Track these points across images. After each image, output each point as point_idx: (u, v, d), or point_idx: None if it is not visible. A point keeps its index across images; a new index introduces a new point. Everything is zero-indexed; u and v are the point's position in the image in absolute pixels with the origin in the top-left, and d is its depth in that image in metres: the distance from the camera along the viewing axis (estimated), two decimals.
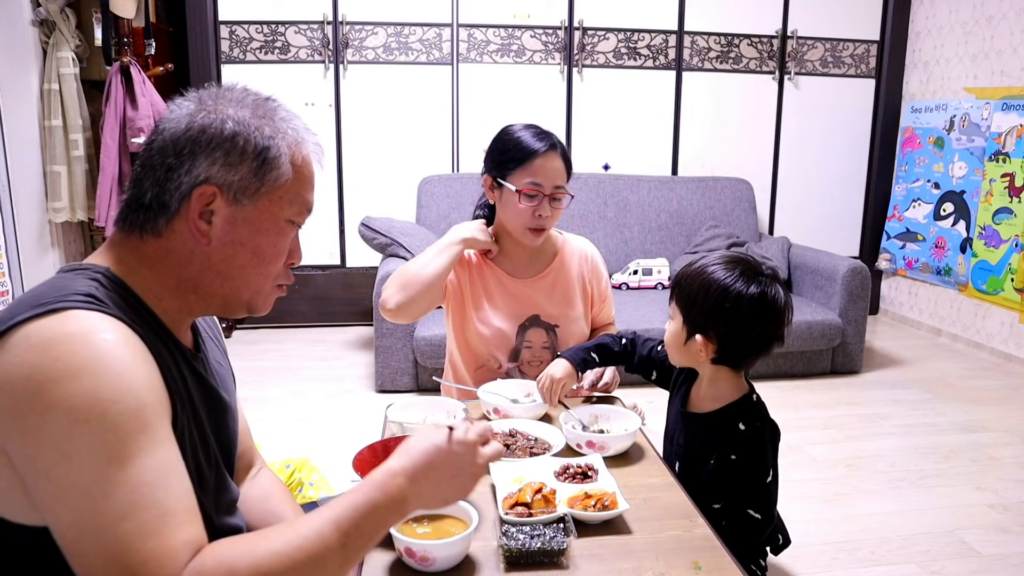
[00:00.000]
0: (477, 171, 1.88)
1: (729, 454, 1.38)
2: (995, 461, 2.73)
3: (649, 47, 4.34)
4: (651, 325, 3.33)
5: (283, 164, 0.91)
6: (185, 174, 0.87)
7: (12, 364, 0.74)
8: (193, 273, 0.91)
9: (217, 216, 0.89)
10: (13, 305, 0.81)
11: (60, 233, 3.70)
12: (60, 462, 0.72)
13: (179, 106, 0.91)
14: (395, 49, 4.15)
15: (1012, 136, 3.77)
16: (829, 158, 4.65)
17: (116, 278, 0.87)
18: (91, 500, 0.72)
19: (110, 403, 0.74)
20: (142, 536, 0.72)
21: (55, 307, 0.77)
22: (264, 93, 0.95)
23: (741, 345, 1.38)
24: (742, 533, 1.37)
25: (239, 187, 0.89)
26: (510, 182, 1.73)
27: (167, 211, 0.88)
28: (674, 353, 1.47)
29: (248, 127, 0.89)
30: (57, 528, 0.74)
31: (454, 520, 1.12)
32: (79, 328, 0.77)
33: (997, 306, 3.90)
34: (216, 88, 0.92)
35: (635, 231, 4.19)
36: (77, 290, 0.81)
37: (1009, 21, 3.84)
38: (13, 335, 0.75)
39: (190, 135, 0.87)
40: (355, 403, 3.23)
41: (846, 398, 3.39)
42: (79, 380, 0.73)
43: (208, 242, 0.90)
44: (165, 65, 3.72)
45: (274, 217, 0.92)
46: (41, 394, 0.72)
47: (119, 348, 0.78)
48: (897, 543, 2.18)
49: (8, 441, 0.75)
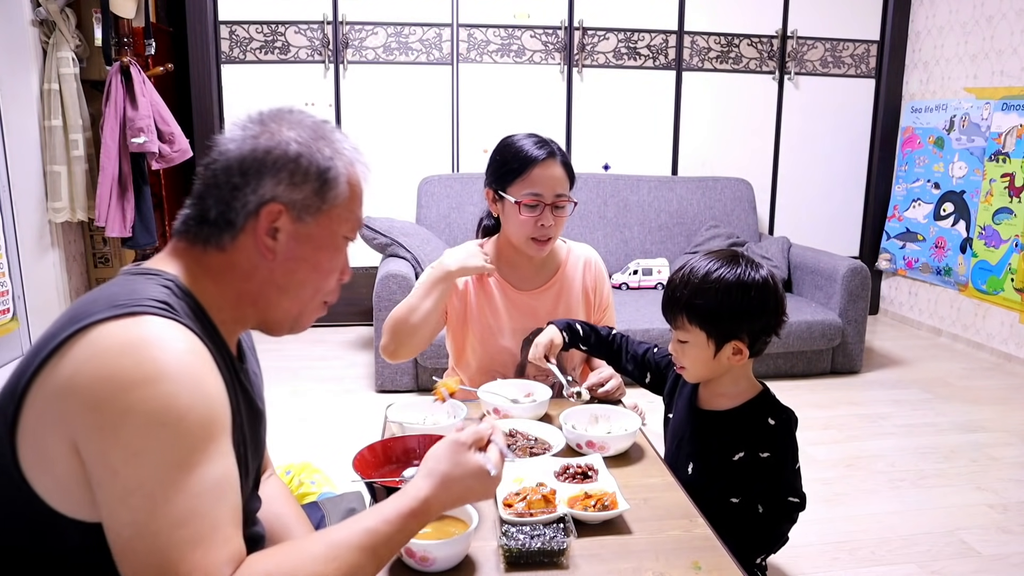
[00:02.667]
0: (477, 171, 1.87)
1: (759, 451, 1.39)
2: (995, 461, 2.73)
3: (649, 47, 4.34)
4: (651, 325, 3.33)
5: (341, 183, 0.95)
6: (251, 193, 0.91)
7: (93, 363, 0.76)
8: (254, 287, 0.95)
9: (282, 233, 0.93)
10: (85, 303, 0.82)
11: (60, 233, 3.70)
12: (130, 461, 0.75)
13: (240, 128, 0.94)
14: (395, 49, 4.15)
15: (1012, 136, 3.77)
16: (829, 158, 4.65)
17: (185, 288, 0.91)
18: (152, 503, 0.74)
19: (186, 410, 0.77)
20: (192, 545, 0.75)
21: (132, 310, 0.80)
22: (319, 116, 0.99)
23: (768, 332, 1.39)
24: (784, 519, 1.42)
25: (303, 205, 0.93)
26: (510, 194, 1.70)
27: (232, 228, 0.92)
28: (700, 370, 1.42)
29: (310, 148, 0.93)
30: (113, 526, 0.76)
31: (454, 520, 1.12)
32: (157, 334, 0.79)
33: (997, 306, 3.90)
34: (275, 110, 0.96)
35: (635, 231, 4.19)
36: (152, 296, 0.84)
37: (1009, 21, 3.84)
38: (89, 333, 0.78)
39: (256, 156, 0.91)
40: (355, 403, 3.23)
41: (846, 398, 3.39)
42: (159, 385, 0.76)
43: (274, 257, 0.93)
44: (165, 65, 3.72)
45: (333, 234, 0.97)
46: (121, 395, 0.75)
47: (194, 358, 0.81)
48: (897, 543, 2.18)
49: (82, 436, 0.76)
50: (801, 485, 1.44)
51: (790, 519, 1.44)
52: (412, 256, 3.50)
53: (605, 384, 1.71)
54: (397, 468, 1.27)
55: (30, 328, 3.74)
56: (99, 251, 3.99)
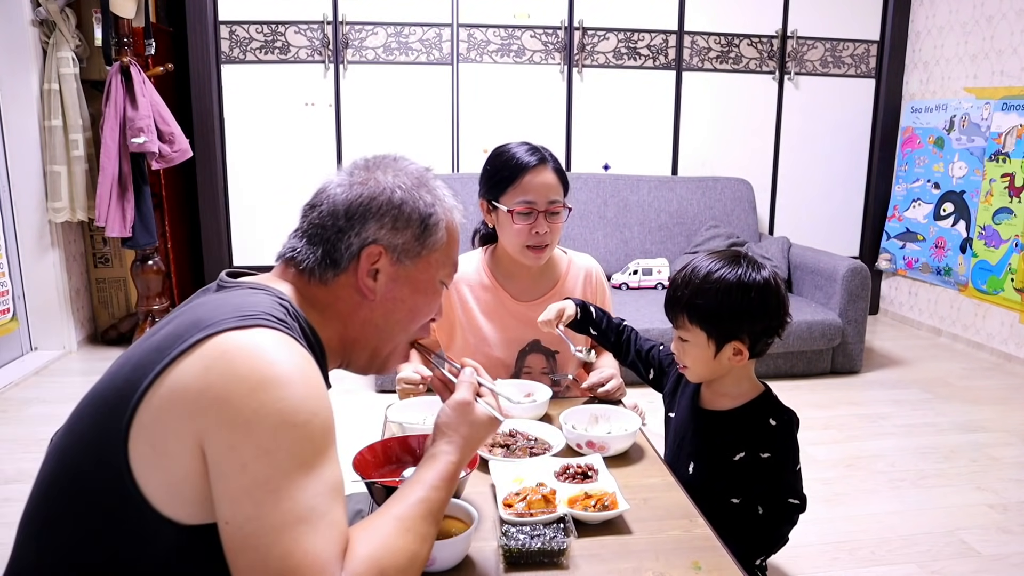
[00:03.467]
0: (477, 171, 1.86)
1: (760, 451, 1.39)
2: (995, 461, 2.73)
3: (649, 47, 4.34)
4: (651, 325, 3.33)
5: (441, 229, 1.02)
6: (355, 236, 0.97)
7: (223, 363, 0.80)
8: (355, 329, 1.01)
9: (382, 274, 0.99)
10: (211, 310, 0.86)
11: (60, 233, 3.70)
12: (261, 458, 0.78)
13: (347, 174, 1.01)
14: (395, 49, 4.15)
15: (1012, 136, 3.77)
16: (829, 158, 4.65)
17: (297, 310, 0.95)
18: (277, 498, 0.77)
19: (313, 414, 0.81)
20: (313, 541, 0.78)
21: (257, 322, 0.84)
22: (422, 164, 1.06)
23: (769, 332, 1.38)
24: (784, 521, 1.42)
25: (403, 249, 0.99)
26: (503, 203, 1.69)
27: (336, 267, 0.98)
28: (701, 370, 1.42)
29: (413, 196, 0.99)
30: (234, 520, 0.78)
31: (454, 520, 1.12)
32: (283, 344, 0.84)
33: (997, 306, 3.90)
34: (381, 157, 1.03)
35: (635, 231, 4.19)
36: (272, 312, 0.88)
37: (1009, 21, 3.84)
38: (217, 338, 0.81)
39: (361, 202, 0.97)
40: (355, 403, 3.23)
41: (846, 398, 3.39)
42: (292, 387, 0.80)
43: (374, 297, 0.99)
44: (165, 65, 3.72)
45: (431, 278, 1.03)
46: (254, 395, 0.78)
47: (313, 369, 0.86)
48: (897, 543, 2.18)
49: (212, 431, 0.78)
50: (802, 487, 1.44)
51: (790, 521, 1.43)
52: None
53: (605, 384, 1.70)
54: (397, 468, 1.27)
55: (30, 328, 3.74)
56: (99, 251, 3.99)
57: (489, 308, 1.81)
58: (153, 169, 3.61)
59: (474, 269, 1.83)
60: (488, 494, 1.27)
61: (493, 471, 1.28)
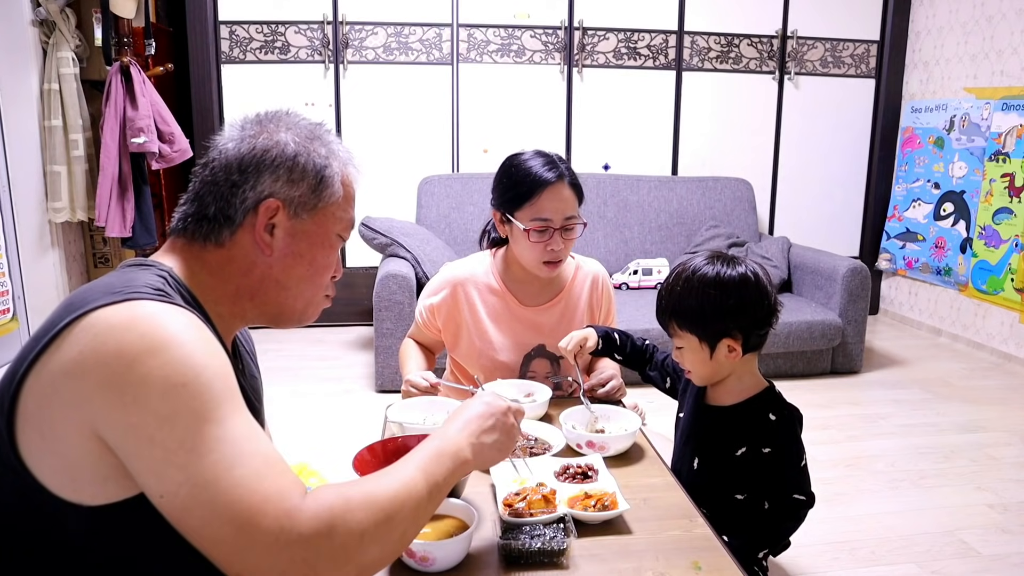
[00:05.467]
0: (477, 171, 1.86)
1: (761, 447, 1.40)
2: (995, 461, 2.73)
3: (649, 47, 4.34)
4: (651, 325, 3.32)
5: (336, 183, 1.00)
6: (250, 190, 0.95)
7: (97, 343, 0.77)
8: (253, 282, 0.98)
9: (279, 229, 0.97)
10: (83, 293, 0.84)
11: (60, 233, 3.70)
12: (163, 425, 0.76)
13: (238, 128, 0.99)
14: (395, 49, 4.15)
15: (1012, 136, 3.77)
16: (829, 158, 4.65)
17: (179, 279, 0.93)
18: (198, 455, 0.76)
19: (202, 368, 0.79)
20: (257, 478, 0.77)
21: (128, 296, 0.82)
22: (315, 118, 1.04)
23: (759, 324, 1.40)
24: (789, 517, 1.42)
25: (299, 203, 0.97)
26: (518, 219, 1.67)
27: (231, 223, 0.95)
28: (703, 372, 1.44)
29: (307, 149, 0.98)
30: (167, 491, 0.76)
31: (454, 520, 1.12)
32: (156, 311, 0.81)
33: (997, 306, 3.90)
34: (272, 112, 1.01)
35: (635, 231, 4.19)
36: (147, 282, 0.86)
37: (1009, 21, 3.84)
38: (87, 318, 0.79)
39: (254, 155, 0.95)
40: (355, 403, 3.23)
41: (846, 398, 3.39)
42: (169, 351, 0.78)
43: (271, 253, 0.97)
44: (165, 65, 3.72)
45: (327, 232, 1.01)
46: (135, 366, 0.76)
47: (197, 328, 0.83)
48: (897, 543, 2.18)
49: (103, 415, 0.77)
50: (809, 484, 1.44)
51: (796, 517, 1.43)
52: (412, 256, 3.50)
53: (605, 384, 1.71)
54: None
55: (30, 328, 3.73)
56: (99, 251, 3.99)
57: (496, 312, 1.80)
58: (153, 169, 3.61)
59: (483, 272, 1.83)
60: (488, 494, 1.27)
61: (493, 471, 1.28)
